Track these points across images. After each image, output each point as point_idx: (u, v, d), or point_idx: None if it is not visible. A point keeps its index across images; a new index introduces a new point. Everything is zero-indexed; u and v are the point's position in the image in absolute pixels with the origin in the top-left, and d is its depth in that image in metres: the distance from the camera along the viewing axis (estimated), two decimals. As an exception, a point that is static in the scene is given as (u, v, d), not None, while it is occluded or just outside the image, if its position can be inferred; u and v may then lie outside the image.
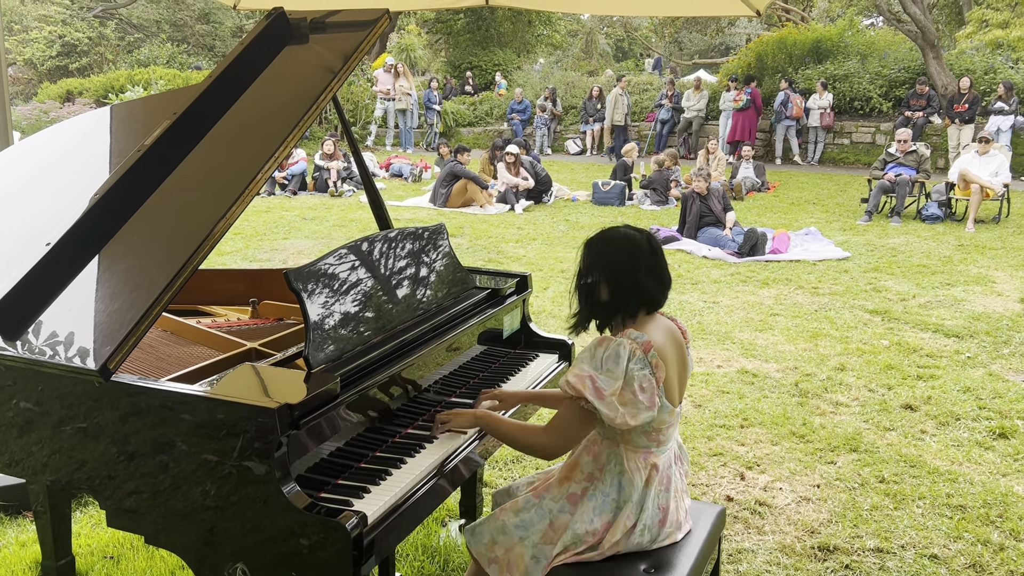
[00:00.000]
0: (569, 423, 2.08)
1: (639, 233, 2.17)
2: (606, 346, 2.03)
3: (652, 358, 2.02)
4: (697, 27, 31.27)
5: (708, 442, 4.02)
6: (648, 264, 2.12)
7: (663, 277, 2.15)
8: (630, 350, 2.01)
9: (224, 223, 2.11)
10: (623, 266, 2.11)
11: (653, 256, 2.14)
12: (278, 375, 2.07)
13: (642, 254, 2.12)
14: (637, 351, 2.01)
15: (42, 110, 17.88)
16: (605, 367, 2.01)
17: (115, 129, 2.81)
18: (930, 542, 3.18)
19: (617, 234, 2.17)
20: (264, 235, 9.09)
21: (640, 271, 2.11)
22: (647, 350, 2.02)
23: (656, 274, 2.13)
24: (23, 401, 2.10)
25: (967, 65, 16.04)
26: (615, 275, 2.11)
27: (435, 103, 18.39)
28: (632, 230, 2.18)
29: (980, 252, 8.47)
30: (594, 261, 2.14)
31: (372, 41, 2.57)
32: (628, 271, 2.10)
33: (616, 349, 2.01)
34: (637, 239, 2.15)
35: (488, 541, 2.18)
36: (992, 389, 4.71)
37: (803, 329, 5.86)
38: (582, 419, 2.06)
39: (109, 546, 3.07)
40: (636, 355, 2.01)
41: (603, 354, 2.03)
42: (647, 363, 2.02)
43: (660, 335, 2.10)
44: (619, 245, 2.14)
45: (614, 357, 2.01)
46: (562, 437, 2.09)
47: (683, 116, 16.94)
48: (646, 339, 2.03)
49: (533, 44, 25.56)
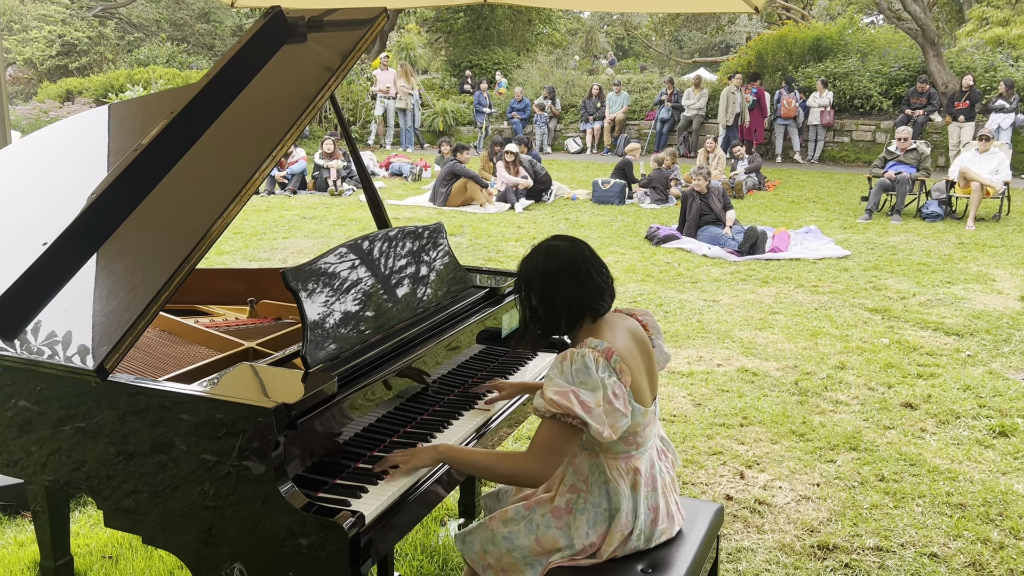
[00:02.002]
0: (554, 442, 1.96)
1: (564, 242, 2.11)
2: (571, 359, 1.97)
3: (615, 363, 1.98)
4: (697, 25, 31.25)
5: (708, 441, 4.01)
6: (574, 274, 2.06)
7: (595, 283, 2.07)
8: (594, 359, 1.96)
9: (222, 222, 2.10)
10: (550, 282, 2.06)
11: (579, 263, 2.07)
12: (276, 375, 2.07)
13: (567, 266, 2.06)
14: (600, 359, 1.96)
15: (42, 110, 17.88)
16: (578, 379, 1.95)
17: (113, 128, 2.81)
18: (930, 541, 3.17)
19: (540, 250, 2.11)
20: (264, 234, 9.09)
21: (567, 284, 2.05)
22: (609, 357, 1.97)
23: (585, 282, 2.06)
24: (22, 401, 2.10)
25: (967, 63, 16.02)
26: (544, 292, 2.07)
27: (485, 106, 18.45)
28: (557, 240, 2.12)
29: (980, 250, 8.46)
30: (525, 281, 2.10)
31: (370, 40, 2.56)
32: (555, 286, 2.05)
33: (582, 361, 1.96)
34: (560, 250, 2.09)
35: (479, 550, 2.16)
36: (992, 387, 4.71)
37: (803, 328, 5.86)
38: (567, 436, 1.96)
39: (108, 546, 3.07)
40: (600, 363, 1.96)
41: (571, 368, 1.96)
42: (612, 370, 1.97)
43: (620, 338, 2.05)
44: (544, 261, 2.08)
45: (583, 369, 1.95)
46: (548, 456, 1.97)
47: (683, 115, 16.94)
48: (606, 346, 1.98)
49: (533, 43, 25.53)
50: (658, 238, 8.82)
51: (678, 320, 6.00)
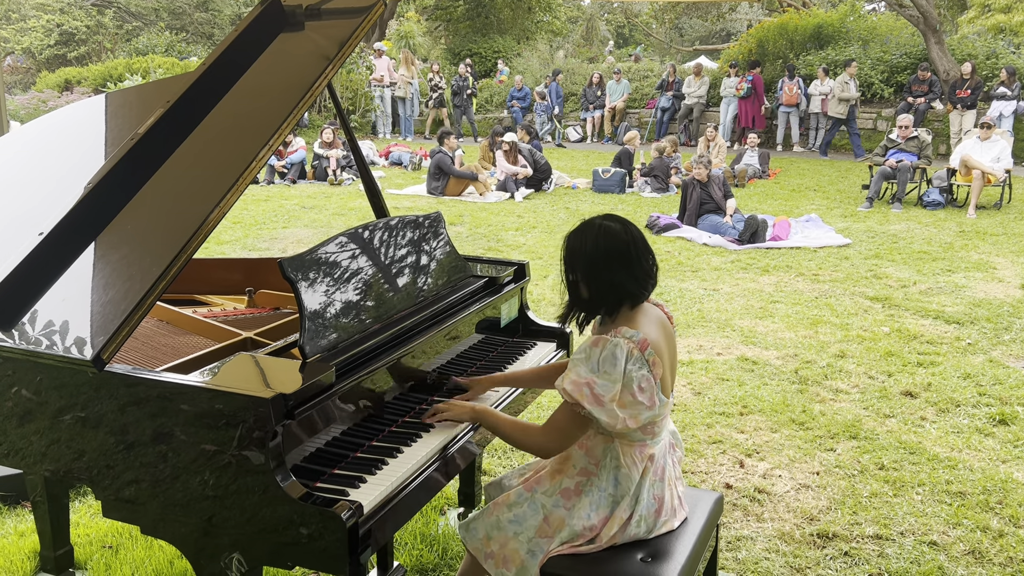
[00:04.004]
0: (566, 425, 2.05)
1: (616, 224, 2.08)
2: (602, 347, 1.97)
3: (649, 356, 1.98)
4: (698, 13, 31.10)
5: (707, 430, 4.01)
6: (624, 258, 2.04)
7: (643, 269, 2.06)
8: (627, 350, 1.96)
9: (219, 211, 2.09)
10: (598, 263, 2.04)
11: (629, 248, 2.05)
12: (273, 364, 2.06)
13: (617, 248, 2.04)
14: (634, 351, 1.96)
15: (40, 99, 17.83)
16: (602, 369, 1.96)
17: (110, 117, 2.80)
18: (929, 529, 3.17)
19: (591, 228, 2.07)
20: (263, 224, 9.07)
21: (615, 267, 2.03)
22: (643, 348, 1.97)
23: (634, 268, 2.05)
24: (21, 391, 2.10)
25: (969, 50, 15.95)
26: (590, 273, 2.05)
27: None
28: (609, 220, 2.09)
29: (981, 238, 8.44)
30: (571, 258, 2.08)
31: (368, 28, 2.54)
32: (603, 268, 2.03)
33: (612, 350, 1.96)
34: (612, 232, 2.06)
35: (483, 536, 2.17)
36: (992, 376, 4.70)
37: (803, 316, 5.85)
38: (579, 423, 2.04)
39: (108, 536, 3.07)
40: (633, 355, 1.96)
41: (599, 356, 1.97)
42: (644, 362, 1.97)
43: (654, 329, 2.05)
44: (593, 241, 2.05)
45: (611, 359, 1.96)
46: (559, 438, 2.07)
47: (683, 103, 16.89)
48: (642, 337, 1.98)
49: (533, 31, 25.42)
50: (659, 227, 8.81)
51: (678, 309, 5.99)
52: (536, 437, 2.10)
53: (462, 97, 17.79)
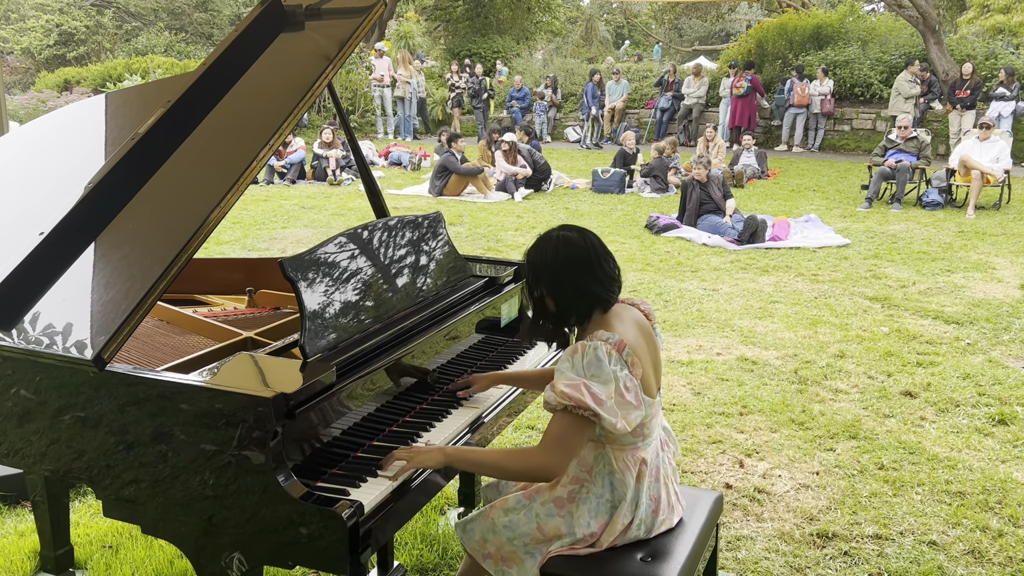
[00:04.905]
0: (566, 434, 1.95)
1: (573, 232, 2.09)
2: (583, 352, 1.96)
3: (627, 356, 1.97)
4: (697, 13, 31.13)
5: (707, 430, 4.02)
6: (585, 264, 2.03)
7: (606, 273, 2.06)
8: (607, 351, 1.95)
9: (219, 211, 2.09)
10: (560, 272, 2.03)
11: (589, 254, 2.05)
12: (274, 364, 2.06)
13: (577, 256, 2.04)
14: (612, 352, 1.95)
15: (39, 99, 17.82)
16: (590, 372, 1.94)
17: (110, 117, 2.80)
18: (929, 528, 3.18)
19: (549, 241, 2.08)
20: (263, 224, 9.07)
21: (578, 274, 2.02)
22: (621, 349, 1.96)
23: (597, 272, 2.04)
24: (22, 390, 2.10)
25: (968, 51, 15.96)
26: (555, 283, 2.04)
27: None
28: (566, 230, 2.10)
29: (980, 238, 8.45)
30: (533, 272, 2.07)
31: (368, 28, 2.54)
32: (566, 277, 2.03)
33: (594, 353, 1.95)
34: (570, 240, 2.06)
35: (479, 539, 2.17)
36: (992, 375, 4.71)
37: (803, 316, 5.85)
38: (580, 428, 1.95)
39: (108, 535, 3.07)
40: (613, 356, 1.95)
41: (583, 361, 1.95)
42: (623, 363, 1.96)
43: (630, 331, 2.04)
44: (553, 251, 2.05)
45: (595, 362, 1.94)
46: (560, 451, 1.95)
47: (683, 103, 16.89)
48: (617, 338, 1.97)
49: (532, 31, 25.43)
50: (658, 227, 8.81)
51: (678, 309, 6.00)
52: (534, 457, 1.97)
53: (480, 99, 17.79)
